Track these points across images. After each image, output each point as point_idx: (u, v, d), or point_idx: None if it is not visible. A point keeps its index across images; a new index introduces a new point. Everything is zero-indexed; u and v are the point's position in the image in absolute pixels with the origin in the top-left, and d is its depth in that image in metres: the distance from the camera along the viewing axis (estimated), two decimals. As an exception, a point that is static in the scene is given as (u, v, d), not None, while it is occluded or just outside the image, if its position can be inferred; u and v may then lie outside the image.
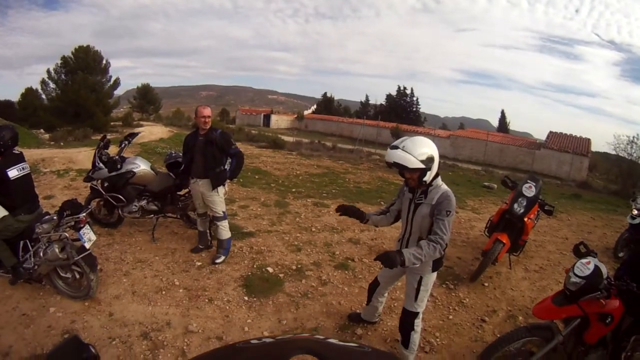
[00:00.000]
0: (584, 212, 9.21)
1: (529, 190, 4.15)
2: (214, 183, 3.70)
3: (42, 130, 16.95)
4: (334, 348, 0.53)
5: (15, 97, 27.44)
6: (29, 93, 25.89)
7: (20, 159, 3.07)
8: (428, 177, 2.19)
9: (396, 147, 2.14)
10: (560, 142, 21.56)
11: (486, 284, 4.00)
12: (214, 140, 3.63)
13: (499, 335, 3.01)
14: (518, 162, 20.66)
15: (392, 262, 2.03)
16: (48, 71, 22.94)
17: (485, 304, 3.65)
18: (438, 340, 3.01)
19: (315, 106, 47.00)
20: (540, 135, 28.92)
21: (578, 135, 22.72)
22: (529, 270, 4.57)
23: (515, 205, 4.06)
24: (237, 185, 6.97)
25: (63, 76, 22.89)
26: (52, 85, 23.13)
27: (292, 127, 32.95)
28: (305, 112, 41.16)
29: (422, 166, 2.11)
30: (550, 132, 22.95)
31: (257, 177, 8.15)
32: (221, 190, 3.79)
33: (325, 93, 45.20)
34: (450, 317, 3.36)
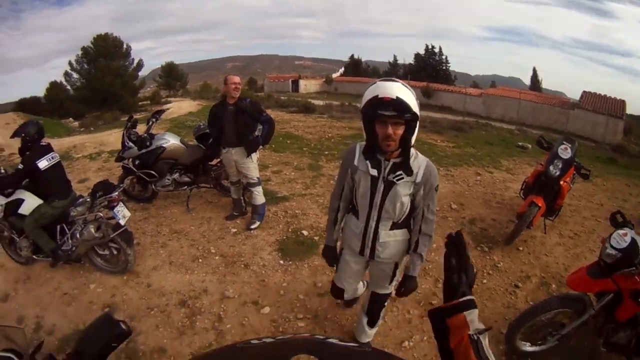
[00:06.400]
0: (619, 178, 8.72)
1: (565, 152, 3.94)
2: (248, 150, 3.70)
3: (71, 119, 17.53)
4: (334, 348, 0.53)
5: (40, 92, 27.63)
6: (54, 87, 26.15)
7: (48, 149, 3.18)
8: (414, 138, 1.65)
9: (394, 80, 1.57)
10: (594, 103, 20.30)
11: (520, 248, 3.90)
12: (244, 108, 3.60)
13: (531, 303, 2.97)
14: (552, 122, 19.76)
15: (415, 286, 1.97)
16: (70, 63, 23.54)
17: (519, 269, 3.58)
18: (472, 304, 2.99)
19: (343, 69, 45.09)
20: (574, 94, 27.07)
21: (612, 96, 21.12)
22: (563, 236, 4.42)
23: (551, 167, 3.88)
24: (270, 151, 6.86)
25: (85, 65, 23.48)
26: (75, 75, 23.76)
27: (321, 91, 32.15)
28: (334, 75, 39.58)
29: (418, 114, 1.58)
30: (584, 91, 21.57)
31: (289, 142, 7.96)
32: (254, 156, 3.80)
33: (353, 55, 43.12)
34: (485, 281, 3.31)
